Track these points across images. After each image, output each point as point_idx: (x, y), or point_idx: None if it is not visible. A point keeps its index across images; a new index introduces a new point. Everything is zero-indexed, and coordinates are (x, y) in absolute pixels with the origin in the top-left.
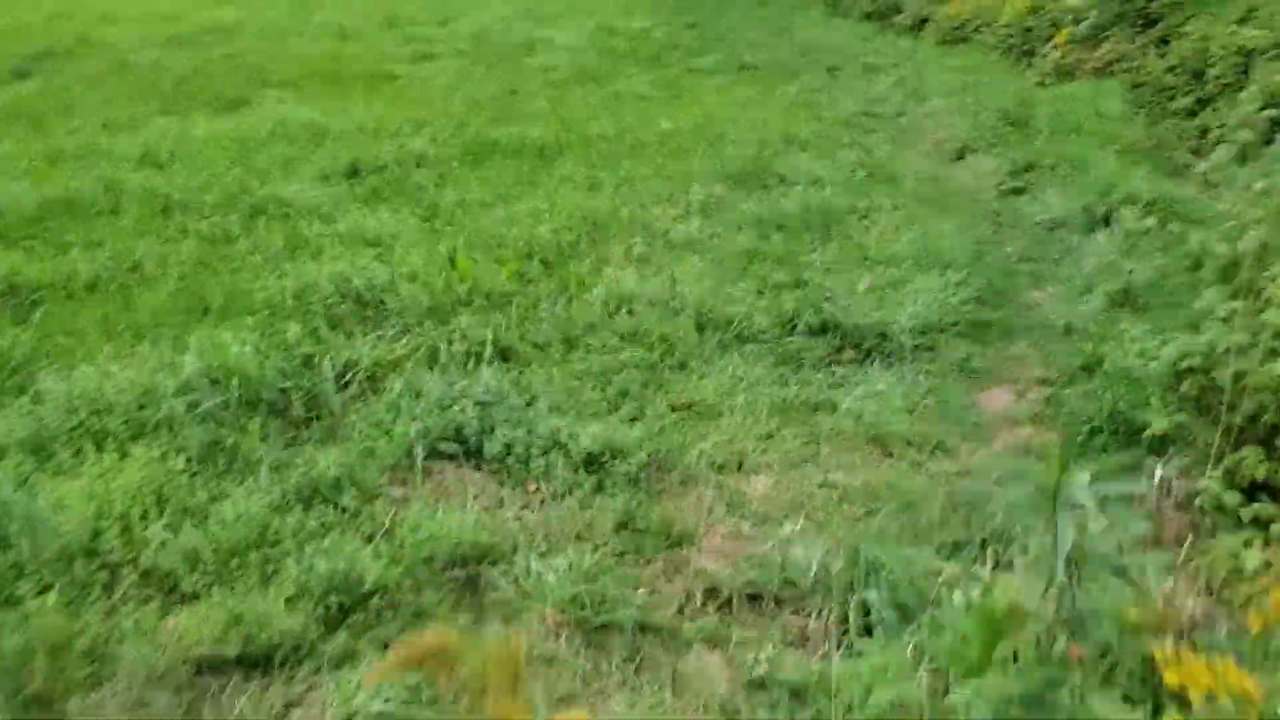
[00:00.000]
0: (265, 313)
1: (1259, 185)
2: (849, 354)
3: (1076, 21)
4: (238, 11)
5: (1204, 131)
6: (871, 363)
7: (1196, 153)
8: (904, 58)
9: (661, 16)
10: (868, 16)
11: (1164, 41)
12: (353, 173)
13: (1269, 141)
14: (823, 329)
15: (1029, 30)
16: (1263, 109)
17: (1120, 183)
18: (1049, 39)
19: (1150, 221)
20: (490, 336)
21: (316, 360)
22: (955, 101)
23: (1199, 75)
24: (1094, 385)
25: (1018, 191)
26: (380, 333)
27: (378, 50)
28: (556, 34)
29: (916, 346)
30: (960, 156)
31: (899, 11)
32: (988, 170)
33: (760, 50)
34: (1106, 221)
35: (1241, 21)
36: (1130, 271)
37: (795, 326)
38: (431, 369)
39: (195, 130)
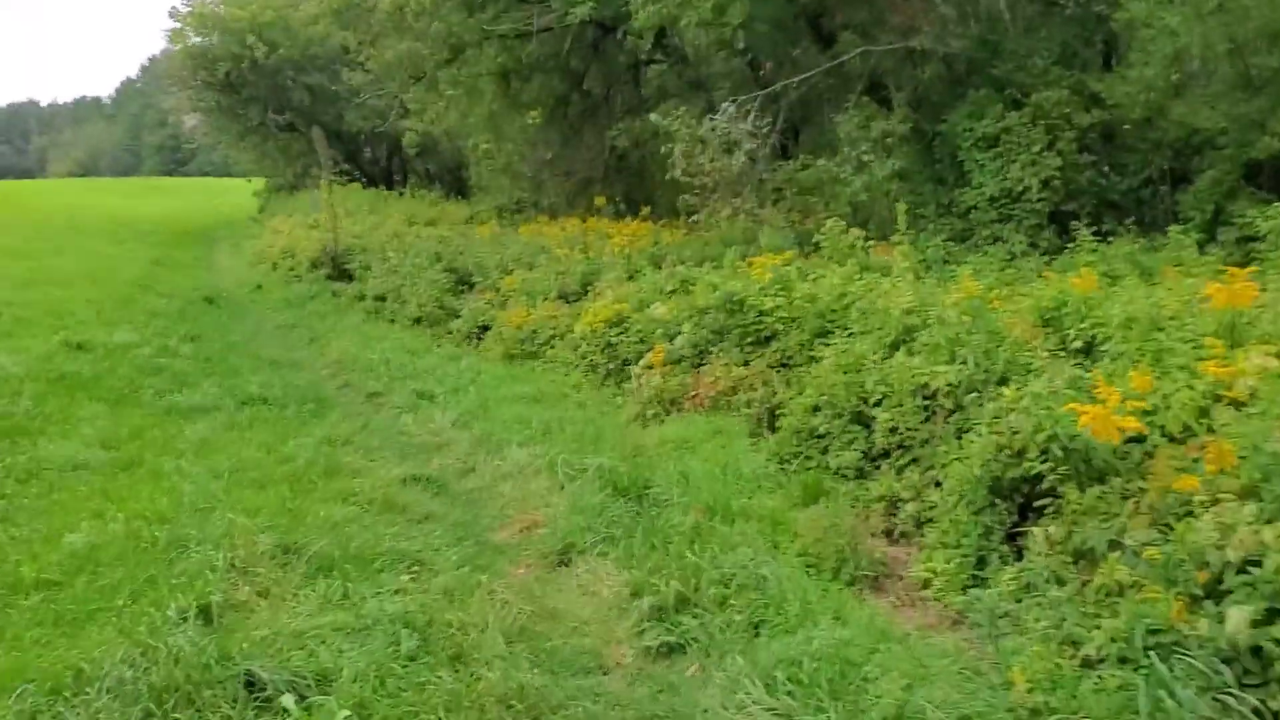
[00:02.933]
0: None
1: None
2: None
3: (670, 337)
4: None
5: (892, 504)
6: None
7: (891, 536)
8: (464, 380)
9: (157, 326)
10: (417, 322)
11: (785, 364)
12: None
13: (1011, 536)
14: None
15: (612, 346)
16: (991, 490)
17: (849, 636)
18: (640, 358)
19: None
20: None
21: None
22: (540, 453)
23: (860, 420)
24: None
25: (672, 651)
26: None
27: None
28: None
29: None
30: (565, 560)
31: (455, 317)
32: (611, 592)
33: (280, 372)
34: None
35: (897, 347)
36: None
37: None
38: None
39: None
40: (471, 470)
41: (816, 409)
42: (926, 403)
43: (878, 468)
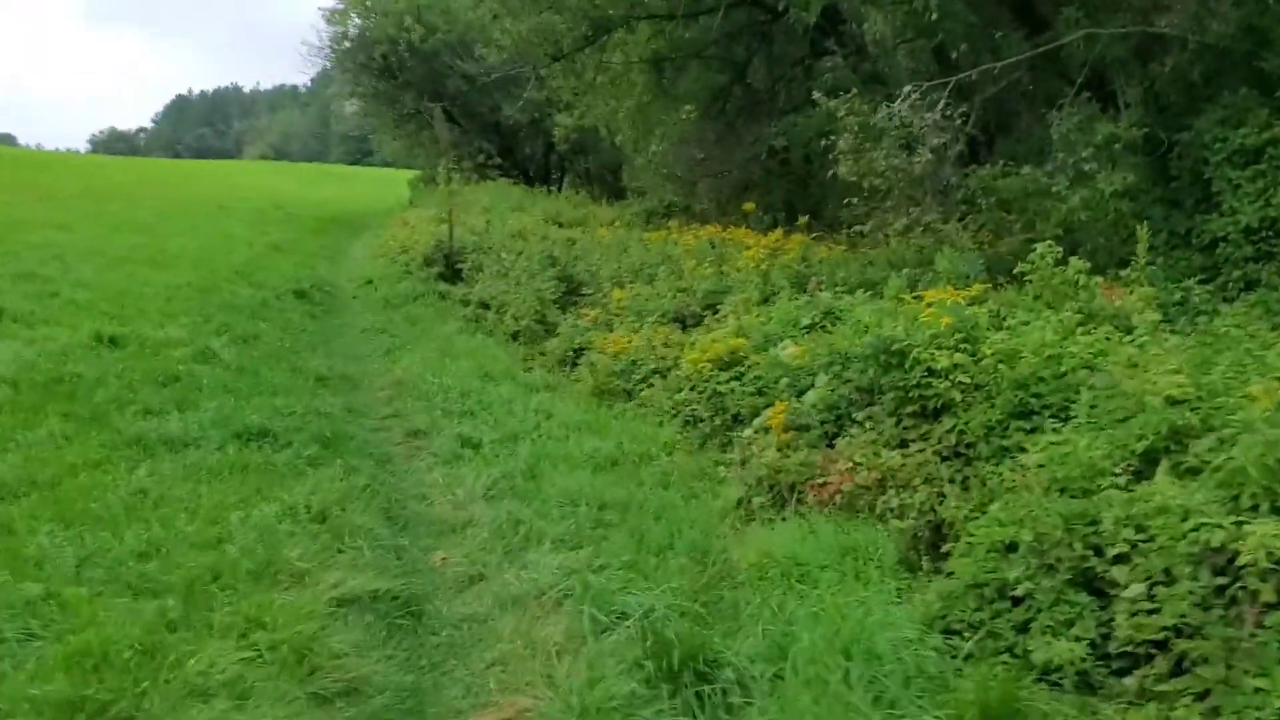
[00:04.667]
0: None
1: None
2: None
3: (798, 391)
4: None
5: None
6: None
7: None
8: (527, 424)
9: (220, 321)
10: (514, 337)
11: (962, 454)
12: None
13: None
14: None
15: (720, 395)
16: None
17: None
18: (756, 415)
19: None
20: None
21: None
22: (578, 566)
23: (1087, 583)
24: None
25: None
26: None
27: None
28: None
29: None
30: None
31: (552, 335)
32: None
33: (320, 393)
34: None
35: (1155, 460)
36: None
37: None
38: None
39: None
40: (475, 581)
41: (1011, 547)
42: (1220, 580)
43: (1120, 679)
